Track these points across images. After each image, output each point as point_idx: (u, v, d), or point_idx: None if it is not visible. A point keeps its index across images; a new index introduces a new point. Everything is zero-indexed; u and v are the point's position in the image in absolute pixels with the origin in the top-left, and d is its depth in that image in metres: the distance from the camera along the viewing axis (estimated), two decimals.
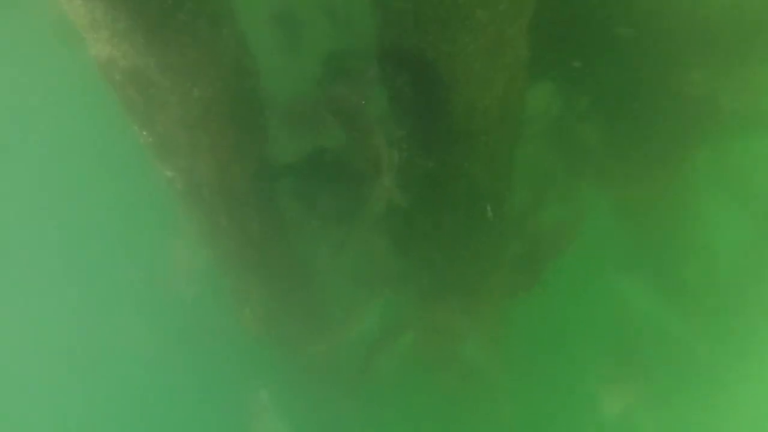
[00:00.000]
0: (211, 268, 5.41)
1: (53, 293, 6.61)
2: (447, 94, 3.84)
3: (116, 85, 4.14)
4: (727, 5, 4.64)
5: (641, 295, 6.03)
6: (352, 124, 4.64)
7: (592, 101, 5.15)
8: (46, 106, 6.11)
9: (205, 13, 3.87)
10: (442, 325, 5.42)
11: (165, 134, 4.30)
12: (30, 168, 6.22)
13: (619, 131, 5.15)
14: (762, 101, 5.11)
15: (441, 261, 4.99)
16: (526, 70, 4.04)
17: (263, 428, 5.87)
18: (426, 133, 4.16)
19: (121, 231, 6.09)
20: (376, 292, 5.49)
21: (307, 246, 5.41)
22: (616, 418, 5.70)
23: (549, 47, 4.54)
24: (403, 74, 3.97)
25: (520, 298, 5.45)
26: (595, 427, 6.03)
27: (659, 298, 6.06)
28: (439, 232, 4.80)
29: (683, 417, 6.02)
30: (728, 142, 5.41)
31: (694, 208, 5.88)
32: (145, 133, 4.37)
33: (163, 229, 5.40)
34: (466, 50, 3.64)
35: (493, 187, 4.57)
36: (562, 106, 5.36)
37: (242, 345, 5.78)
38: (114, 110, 4.39)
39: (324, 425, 6.36)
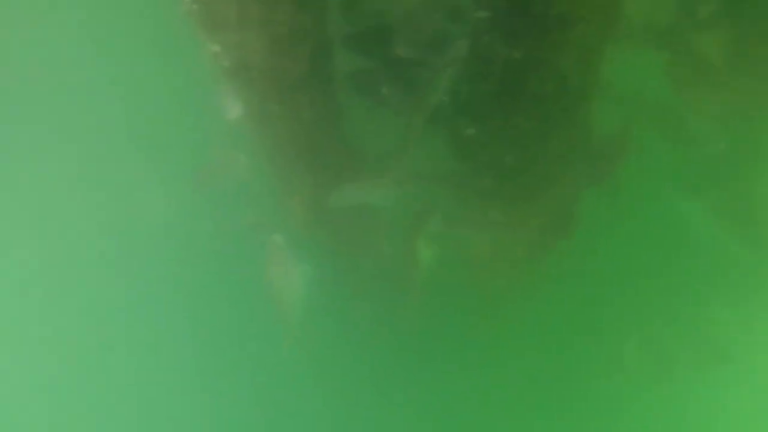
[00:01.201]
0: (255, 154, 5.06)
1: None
2: None
3: None
4: None
5: (705, 220, 5.59)
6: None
7: (718, 8, 4.36)
8: None
9: None
10: (500, 228, 5.11)
11: (213, 2, 3.77)
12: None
13: (746, 44, 4.40)
14: None
15: (510, 161, 4.57)
16: None
17: None
18: (515, 15, 3.56)
19: (159, 107, 5.68)
20: (432, 187, 5.13)
21: (361, 136, 4.99)
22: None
23: None
24: None
25: (581, 220, 5.09)
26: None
27: (724, 224, 5.63)
28: (512, 129, 4.33)
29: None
30: None
31: None
32: (189, 0, 3.84)
33: (203, 111, 4.98)
34: None
35: (580, 84, 4.02)
36: (679, 8, 4.55)
37: None
38: None
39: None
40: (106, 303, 6.63)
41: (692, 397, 5.91)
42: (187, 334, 6.89)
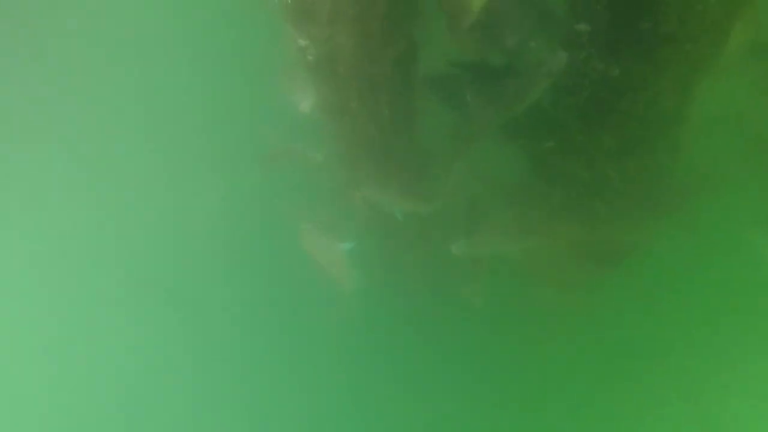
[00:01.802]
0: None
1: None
2: None
3: None
4: None
5: None
6: (519, 6, 3.94)
7: None
8: None
9: None
10: (569, 245, 5.00)
11: None
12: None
13: None
14: None
15: (585, 177, 4.45)
16: None
17: None
18: (619, 31, 3.44)
19: (234, 95, 5.71)
20: (503, 199, 5.04)
21: (434, 138, 4.93)
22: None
23: None
24: None
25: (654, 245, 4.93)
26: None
27: None
28: (593, 146, 4.21)
29: None
30: None
31: None
32: None
33: (277, 102, 4.97)
34: None
35: (674, 106, 3.88)
36: None
37: None
38: None
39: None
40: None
41: None
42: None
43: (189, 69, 5.80)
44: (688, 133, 4.14)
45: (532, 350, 6.25)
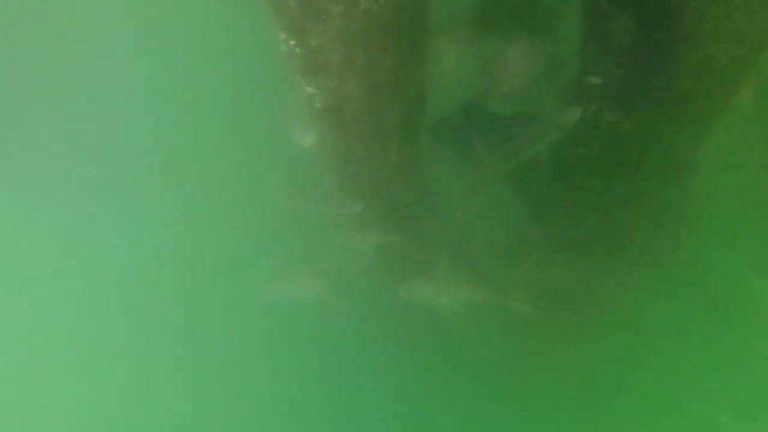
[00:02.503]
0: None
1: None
2: (683, 47, 3.08)
3: None
4: None
5: None
6: (528, 57, 3.93)
7: None
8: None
9: None
10: (564, 294, 4.97)
11: (317, 47, 3.68)
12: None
13: None
14: None
15: (591, 224, 4.44)
16: None
17: None
18: (633, 86, 3.43)
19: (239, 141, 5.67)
20: (503, 247, 5.01)
21: (438, 181, 4.90)
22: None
23: None
24: (624, 15, 3.19)
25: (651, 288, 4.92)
26: None
27: None
28: (600, 195, 4.20)
29: None
30: None
31: None
32: (293, 43, 3.76)
33: (281, 145, 4.93)
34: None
35: (683, 158, 3.88)
36: None
37: None
38: (257, 14, 3.79)
39: None
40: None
41: None
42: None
43: (191, 117, 5.77)
44: (694, 182, 4.15)
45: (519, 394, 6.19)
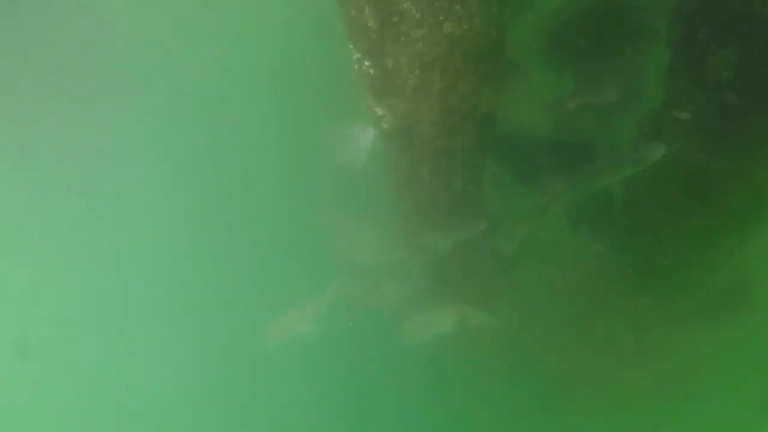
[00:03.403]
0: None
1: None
2: None
3: (352, 5, 3.42)
4: None
5: None
6: (609, 88, 3.79)
7: None
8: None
9: None
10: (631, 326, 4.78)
11: (394, 69, 3.60)
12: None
13: None
14: None
15: (663, 264, 4.26)
16: None
17: None
18: (726, 123, 3.27)
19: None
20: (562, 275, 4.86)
21: (499, 207, 4.77)
22: None
23: None
24: (727, 50, 3.03)
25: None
26: None
27: None
28: (677, 234, 4.03)
29: None
30: None
31: None
32: (368, 63, 3.68)
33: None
34: None
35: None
36: None
37: None
38: (329, 30, 3.72)
39: None
40: None
41: None
42: None
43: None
44: None
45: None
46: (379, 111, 3.97)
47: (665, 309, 4.43)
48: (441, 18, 3.30)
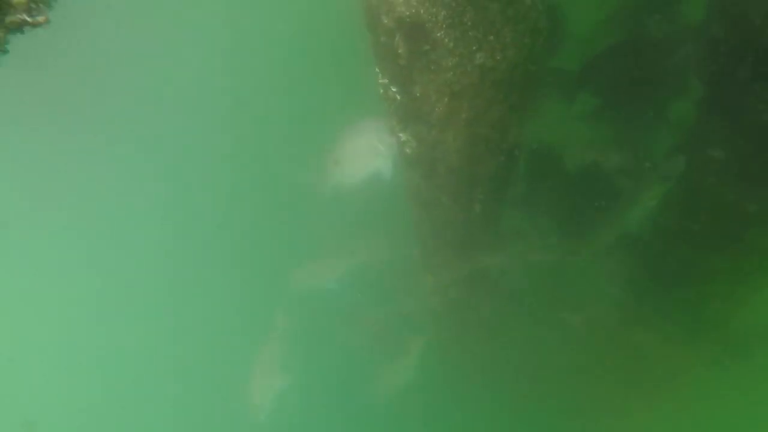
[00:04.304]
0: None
1: None
2: None
3: (382, 32, 3.34)
4: None
5: None
6: (637, 126, 3.73)
7: None
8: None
9: None
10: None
11: (421, 97, 3.52)
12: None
13: None
14: None
15: (690, 298, 4.19)
16: None
17: None
18: (761, 162, 3.20)
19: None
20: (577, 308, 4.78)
21: (517, 235, 4.69)
22: None
23: None
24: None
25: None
26: None
27: None
28: (706, 272, 3.95)
29: None
30: None
31: None
32: (395, 89, 3.61)
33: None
34: None
35: None
36: None
37: None
38: (355, 55, 3.65)
39: None
40: None
41: None
42: None
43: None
44: None
45: None
46: (403, 136, 3.89)
47: (690, 343, 4.37)
48: (474, 48, 3.22)
